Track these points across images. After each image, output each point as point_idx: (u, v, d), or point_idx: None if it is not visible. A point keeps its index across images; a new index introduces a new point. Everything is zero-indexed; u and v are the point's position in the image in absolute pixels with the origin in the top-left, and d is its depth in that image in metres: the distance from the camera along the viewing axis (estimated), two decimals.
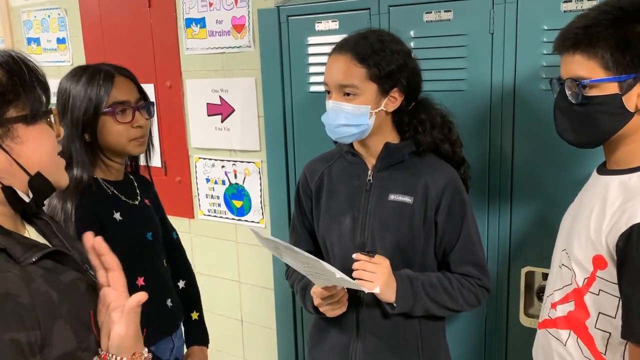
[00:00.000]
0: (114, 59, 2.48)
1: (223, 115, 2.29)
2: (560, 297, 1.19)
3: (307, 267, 1.29)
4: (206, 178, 2.41)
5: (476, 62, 1.61)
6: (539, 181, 1.59)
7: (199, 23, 2.27)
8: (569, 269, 1.16)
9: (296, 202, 1.62)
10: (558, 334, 1.18)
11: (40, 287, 0.85)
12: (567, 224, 1.24)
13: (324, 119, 1.42)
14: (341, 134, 1.39)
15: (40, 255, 0.88)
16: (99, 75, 1.41)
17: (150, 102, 1.52)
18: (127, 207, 1.50)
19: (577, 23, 1.10)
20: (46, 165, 0.93)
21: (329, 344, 1.52)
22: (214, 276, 2.51)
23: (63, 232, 1.04)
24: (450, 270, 1.47)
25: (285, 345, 2.17)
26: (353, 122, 1.36)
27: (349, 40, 1.39)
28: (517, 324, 1.68)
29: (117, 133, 1.43)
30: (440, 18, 1.64)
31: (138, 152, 1.52)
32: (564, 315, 1.17)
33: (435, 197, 1.41)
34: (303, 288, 1.49)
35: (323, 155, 1.60)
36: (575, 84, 1.09)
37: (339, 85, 1.36)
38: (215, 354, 2.56)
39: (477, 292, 1.45)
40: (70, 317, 0.87)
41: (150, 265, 1.52)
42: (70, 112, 1.40)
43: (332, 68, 1.38)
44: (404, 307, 1.38)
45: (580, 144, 1.17)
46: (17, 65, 0.89)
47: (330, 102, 1.39)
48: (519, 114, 1.58)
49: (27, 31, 2.91)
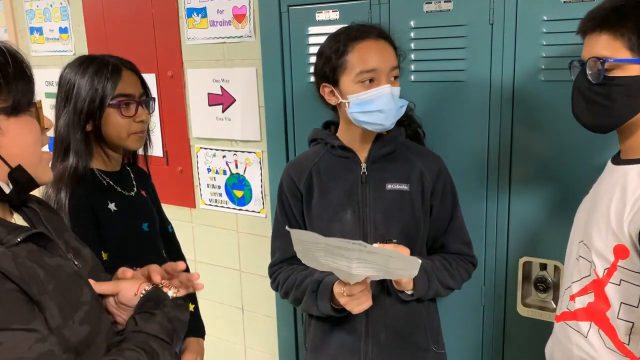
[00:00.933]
0: (115, 49, 2.50)
1: (224, 105, 2.30)
2: (578, 288, 1.18)
3: (345, 262, 1.21)
4: (207, 168, 2.42)
5: (476, 52, 1.60)
6: (537, 172, 1.60)
7: (200, 13, 2.27)
8: (587, 261, 1.16)
9: (280, 205, 1.55)
10: (578, 326, 1.17)
11: (26, 263, 0.87)
12: (583, 216, 1.23)
13: (372, 107, 1.35)
14: (398, 116, 1.40)
15: (24, 237, 0.89)
16: (106, 67, 1.42)
17: (151, 98, 1.52)
18: (123, 198, 1.50)
19: (605, 4, 1.11)
20: (27, 158, 0.92)
21: (336, 345, 1.49)
22: (215, 265, 2.53)
23: (52, 220, 1.05)
24: (442, 251, 1.52)
25: (286, 333, 2.19)
26: (403, 102, 1.40)
27: (373, 29, 1.41)
28: (515, 314, 1.69)
29: (119, 126, 1.44)
30: (440, 8, 1.63)
31: (135, 148, 1.52)
32: (583, 307, 1.17)
33: (431, 182, 1.46)
34: (313, 291, 1.41)
35: (304, 154, 1.57)
36: (598, 63, 1.09)
37: (392, 67, 1.37)
38: (216, 342, 2.59)
39: (468, 269, 1.53)
40: (56, 295, 0.88)
41: (146, 256, 1.49)
42: (73, 101, 1.41)
43: (380, 52, 1.36)
44: (420, 293, 1.41)
45: (596, 126, 1.17)
46: (2, 56, 0.89)
47: (385, 87, 1.35)
48: (518, 105, 1.58)
49: (30, 20, 2.91)
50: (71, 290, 0.93)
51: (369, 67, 1.34)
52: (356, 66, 1.35)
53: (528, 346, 1.70)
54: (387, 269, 1.21)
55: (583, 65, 1.14)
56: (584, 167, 1.53)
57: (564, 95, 1.51)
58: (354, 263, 1.20)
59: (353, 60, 1.36)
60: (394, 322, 1.46)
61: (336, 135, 1.50)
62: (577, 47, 1.45)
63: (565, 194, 1.57)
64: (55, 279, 0.90)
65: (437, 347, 1.53)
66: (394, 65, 1.38)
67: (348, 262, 1.21)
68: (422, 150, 1.53)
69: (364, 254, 1.17)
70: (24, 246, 0.89)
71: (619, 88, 1.08)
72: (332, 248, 1.20)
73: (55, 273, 0.91)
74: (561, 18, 1.48)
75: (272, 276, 1.56)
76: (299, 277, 1.46)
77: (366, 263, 1.20)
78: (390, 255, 1.18)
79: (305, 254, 1.27)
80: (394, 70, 1.38)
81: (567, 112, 1.51)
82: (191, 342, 1.70)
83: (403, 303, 1.45)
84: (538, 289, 1.66)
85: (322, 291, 1.39)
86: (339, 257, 1.21)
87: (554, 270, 1.63)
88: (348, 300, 1.32)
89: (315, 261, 1.27)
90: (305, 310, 1.48)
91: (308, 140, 1.59)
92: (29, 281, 0.84)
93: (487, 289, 1.72)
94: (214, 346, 2.59)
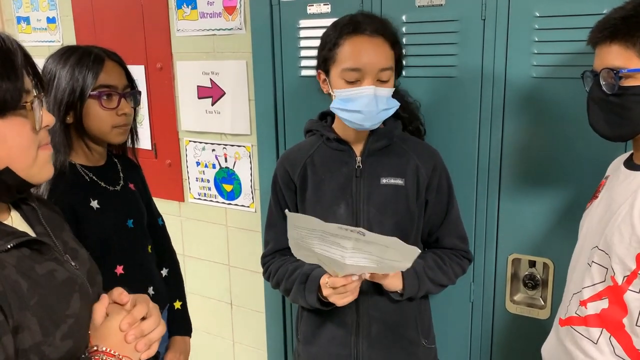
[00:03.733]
0: (104, 40, 2.46)
1: (214, 98, 2.28)
2: (590, 294, 1.17)
3: (339, 251, 1.20)
4: (196, 161, 2.40)
5: (467, 48, 1.60)
6: (527, 168, 1.59)
7: (190, 4, 2.24)
8: (603, 267, 1.14)
9: (274, 196, 1.54)
10: (588, 332, 1.16)
11: (11, 275, 0.84)
12: (594, 220, 1.21)
13: (352, 106, 1.32)
14: (380, 119, 1.36)
15: (15, 244, 0.86)
16: (88, 57, 1.38)
17: (137, 91, 1.48)
18: (107, 194, 1.46)
19: (614, 14, 1.10)
20: (16, 161, 0.87)
21: (327, 337, 1.50)
22: (203, 259, 2.52)
23: (51, 219, 1.02)
24: (437, 245, 1.52)
25: (274, 328, 2.18)
26: (389, 105, 1.36)
27: (372, 22, 1.35)
28: (503, 311, 1.70)
29: (101, 119, 1.39)
30: (432, 3, 1.62)
31: (118, 142, 1.47)
32: (596, 313, 1.16)
33: (426, 176, 1.45)
34: (301, 282, 1.41)
35: (299, 145, 1.55)
36: (611, 74, 1.09)
37: (380, 69, 1.31)
38: (205, 337, 2.58)
39: (462, 264, 1.52)
40: (38, 310, 0.86)
41: (131, 253, 1.49)
42: (53, 92, 1.36)
43: (371, 52, 1.31)
44: (410, 293, 1.40)
45: (614, 136, 1.16)
46: None
47: (368, 88, 1.30)
48: (509, 101, 1.57)
49: (17, 10, 2.86)
50: (57, 303, 0.89)
51: (354, 66, 1.31)
52: (343, 62, 1.33)
53: (516, 342, 1.71)
54: (382, 260, 1.20)
55: (596, 76, 1.14)
56: (575, 164, 1.53)
57: (555, 91, 1.51)
58: (348, 252, 1.19)
59: (342, 54, 1.33)
60: (384, 317, 1.46)
61: (332, 127, 1.48)
62: (569, 44, 1.47)
63: (555, 191, 1.57)
64: (39, 292, 0.87)
65: (428, 342, 1.53)
66: (384, 67, 1.32)
67: (342, 252, 1.20)
68: (418, 144, 1.51)
69: (360, 243, 1.17)
70: (15, 252, 0.86)
71: (635, 97, 1.08)
72: (329, 236, 1.19)
73: (43, 284, 0.88)
74: (553, 14, 1.47)
75: (264, 266, 1.56)
76: (290, 268, 1.46)
77: (361, 253, 1.19)
78: (387, 246, 1.16)
79: (298, 242, 1.25)
80: (384, 71, 1.32)
81: (557, 109, 1.52)
82: (176, 341, 1.66)
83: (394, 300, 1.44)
84: (527, 286, 1.66)
85: (310, 284, 1.39)
86: (334, 245, 1.20)
87: (543, 268, 1.64)
88: (332, 291, 1.32)
89: (306, 251, 1.26)
90: (293, 301, 1.48)
91: (304, 130, 1.57)
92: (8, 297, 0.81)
93: (476, 286, 1.72)
94: (203, 341, 2.59)
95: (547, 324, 1.63)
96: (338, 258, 1.21)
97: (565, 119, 1.51)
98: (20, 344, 0.83)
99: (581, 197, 1.52)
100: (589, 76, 1.17)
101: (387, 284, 1.37)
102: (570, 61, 1.47)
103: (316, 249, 1.23)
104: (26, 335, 0.83)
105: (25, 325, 0.83)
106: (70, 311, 0.91)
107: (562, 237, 1.57)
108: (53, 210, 1.08)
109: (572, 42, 1.46)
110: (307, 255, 1.29)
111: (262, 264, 1.57)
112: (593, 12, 1.39)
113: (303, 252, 1.28)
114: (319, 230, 1.18)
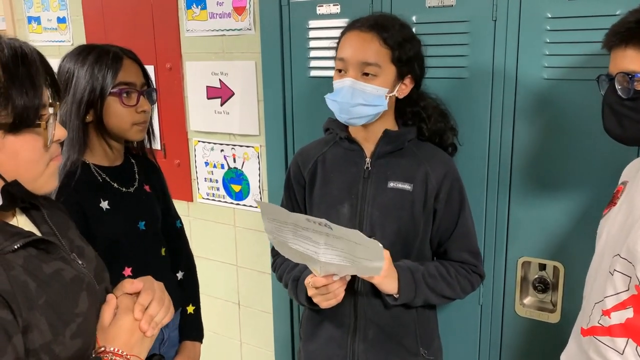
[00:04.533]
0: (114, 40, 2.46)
1: (222, 99, 2.28)
2: (614, 303, 1.15)
3: (312, 247, 1.21)
4: (205, 162, 2.40)
5: (478, 49, 1.58)
6: (538, 171, 1.58)
7: (200, 4, 2.24)
8: (625, 275, 1.12)
9: (286, 192, 1.57)
10: (613, 342, 1.14)
11: (19, 275, 0.84)
12: (614, 228, 1.19)
13: (335, 97, 1.36)
14: (357, 114, 1.35)
15: (21, 244, 0.86)
16: (107, 55, 1.39)
17: (153, 89, 1.49)
18: (119, 195, 1.45)
19: (629, 18, 1.09)
20: (24, 174, 0.88)
21: (325, 337, 1.50)
22: (211, 259, 2.52)
23: (56, 218, 1.02)
24: (445, 257, 1.48)
25: (281, 329, 2.18)
26: (372, 102, 1.34)
27: (371, 19, 1.37)
28: (513, 314, 1.68)
29: (121, 116, 1.40)
30: (443, 4, 1.61)
31: (137, 139, 1.48)
32: (621, 323, 1.13)
33: (435, 185, 1.42)
34: (295, 279, 1.44)
35: (315, 142, 1.57)
36: (626, 78, 1.08)
37: (362, 62, 1.32)
38: (213, 337, 2.58)
39: (472, 279, 1.47)
40: (47, 310, 0.86)
41: (140, 256, 1.47)
42: (72, 91, 1.37)
43: (355, 44, 1.34)
44: (405, 299, 1.37)
45: (629, 140, 1.15)
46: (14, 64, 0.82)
47: (347, 79, 1.33)
48: (520, 103, 1.56)
49: (28, 10, 2.88)
50: (65, 302, 0.90)
51: (339, 56, 1.36)
52: (337, 53, 1.39)
53: (526, 346, 1.69)
54: (354, 258, 1.19)
55: (612, 80, 1.12)
56: (586, 166, 1.51)
57: (566, 93, 1.50)
58: (322, 248, 1.19)
59: (339, 47, 1.39)
60: (381, 321, 1.45)
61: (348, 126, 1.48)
62: (581, 45, 1.45)
63: (566, 193, 1.56)
64: (47, 291, 0.87)
65: (428, 353, 1.50)
66: (368, 61, 1.32)
67: (315, 247, 1.20)
68: (432, 151, 1.48)
69: (330, 239, 1.17)
70: (22, 252, 0.87)
71: None
72: (300, 229, 1.19)
73: (51, 283, 0.88)
74: (565, 15, 1.46)
75: (272, 257, 1.59)
76: (292, 264, 1.46)
77: (333, 250, 1.19)
78: (354, 241, 1.15)
79: (276, 236, 1.26)
80: (369, 66, 1.32)
81: (568, 111, 1.51)
82: (186, 346, 1.63)
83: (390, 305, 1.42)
84: (537, 289, 1.65)
85: (301, 282, 1.40)
86: (306, 240, 1.20)
87: (553, 271, 1.62)
88: (315, 292, 1.32)
89: (285, 247, 1.27)
90: (290, 295, 1.49)
91: (323, 128, 1.57)
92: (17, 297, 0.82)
93: (485, 289, 1.71)
94: (210, 341, 2.59)
95: (557, 328, 1.62)
96: (312, 254, 1.21)
97: (577, 121, 1.50)
98: (30, 344, 0.83)
99: (593, 199, 1.51)
100: (604, 80, 1.16)
101: (378, 283, 1.33)
102: (582, 63, 1.45)
103: (290, 244, 1.23)
104: (36, 335, 0.84)
105: (34, 325, 0.83)
106: (78, 310, 0.91)
107: (573, 240, 1.55)
108: (58, 208, 1.08)
109: (584, 43, 1.44)
110: (289, 252, 1.29)
111: (271, 256, 1.60)
112: (606, 13, 1.38)
113: (285, 250, 1.29)
114: (290, 223, 1.19)
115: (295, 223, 1.19)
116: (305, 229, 1.19)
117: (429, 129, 1.48)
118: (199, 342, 1.67)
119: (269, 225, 1.25)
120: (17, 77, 0.83)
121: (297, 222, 1.18)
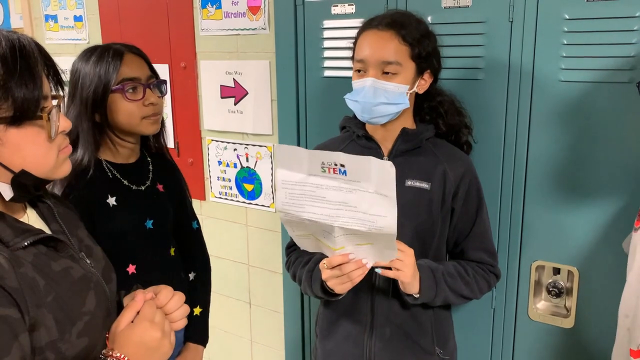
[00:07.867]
0: (129, 38, 2.49)
1: (236, 98, 2.28)
2: None
3: (327, 209, 1.18)
4: (218, 160, 2.41)
5: (494, 50, 1.57)
6: (553, 173, 1.56)
7: (215, 4, 2.25)
8: None
9: None
10: None
11: (28, 272, 0.84)
12: None
13: (355, 97, 1.35)
14: (380, 113, 1.35)
15: (30, 241, 0.86)
16: (107, 53, 1.39)
17: (162, 80, 1.47)
18: (128, 192, 1.45)
19: None
20: (30, 167, 0.87)
21: (342, 334, 1.49)
22: (223, 258, 2.52)
23: (66, 217, 1.02)
24: (462, 257, 1.48)
25: (292, 328, 2.18)
26: (394, 100, 1.34)
27: (387, 17, 1.37)
28: (526, 319, 1.67)
29: (128, 111, 1.40)
30: (459, 4, 1.60)
31: (151, 132, 1.46)
32: None
33: (454, 183, 1.42)
34: (310, 270, 1.42)
35: (331, 140, 1.56)
36: None
37: (382, 62, 1.32)
38: (223, 335, 2.59)
39: (489, 279, 1.47)
40: (54, 307, 0.86)
41: (145, 254, 1.46)
42: (79, 91, 1.38)
43: (374, 43, 1.33)
44: (426, 298, 1.37)
45: None
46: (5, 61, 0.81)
47: (368, 79, 1.33)
48: (536, 105, 1.54)
49: (45, 8, 2.91)
50: (73, 300, 0.90)
51: (358, 57, 1.36)
52: (355, 54, 1.38)
53: (538, 351, 1.67)
54: (367, 216, 1.16)
55: None
56: (602, 169, 1.49)
57: (583, 96, 1.48)
58: (334, 208, 1.17)
59: (356, 48, 1.39)
60: (399, 320, 1.44)
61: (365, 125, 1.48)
62: (598, 47, 1.43)
63: (582, 197, 1.54)
64: (56, 289, 0.87)
65: (443, 352, 1.50)
66: (388, 60, 1.32)
67: (330, 210, 1.17)
68: (450, 150, 1.47)
69: (344, 193, 1.16)
70: (31, 249, 0.87)
71: None
72: (314, 187, 1.17)
73: (59, 280, 0.88)
74: (583, 17, 1.44)
75: (287, 256, 1.59)
76: (306, 259, 1.47)
77: (347, 209, 1.17)
78: (367, 173, 1.14)
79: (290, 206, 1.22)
80: (390, 65, 1.32)
81: (585, 113, 1.49)
82: (189, 349, 1.60)
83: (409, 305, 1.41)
84: (550, 294, 1.63)
85: (316, 272, 1.39)
86: (321, 203, 1.18)
87: (568, 275, 1.60)
88: (329, 275, 1.29)
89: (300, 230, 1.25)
90: (304, 290, 1.47)
91: (339, 127, 1.57)
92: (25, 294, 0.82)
93: (498, 292, 1.69)
94: (221, 340, 2.59)
95: (571, 333, 1.60)
96: (327, 220, 1.18)
97: (594, 124, 1.48)
98: (37, 342, 0.83)
99: (609, 204, 1.48)
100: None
101: (399, 276, 1.30)
102: (600, 65, 1.43)
103: (306, 215, 1.20)
104: (42, 333, 0.84)
105: (41, 323, 0.83)
106: (86, 308, 0.91)
107: (588, 244, 1.53)
108: (68, 207, 1.08)
109: (603, 45, 1.42)
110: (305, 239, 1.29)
111: (286, 255, 1.59)
112: (625, 15, 1.36)
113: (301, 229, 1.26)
114: (305, 173, 1.17)
115: (309, 172, 1.16)
116: (319, 186, 1.17)
117: (446, 124, 1.48)
118: (202, 347, 1.64)
119: (282, 194, 1.21)
120: (15, 69, 0.82)
121: (313, 158, 1.16)
